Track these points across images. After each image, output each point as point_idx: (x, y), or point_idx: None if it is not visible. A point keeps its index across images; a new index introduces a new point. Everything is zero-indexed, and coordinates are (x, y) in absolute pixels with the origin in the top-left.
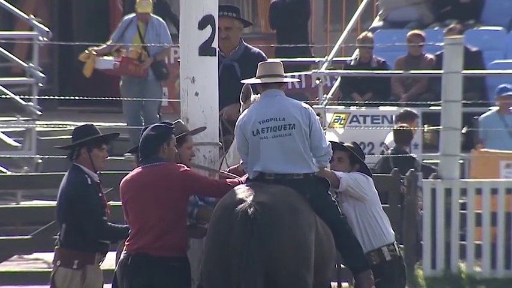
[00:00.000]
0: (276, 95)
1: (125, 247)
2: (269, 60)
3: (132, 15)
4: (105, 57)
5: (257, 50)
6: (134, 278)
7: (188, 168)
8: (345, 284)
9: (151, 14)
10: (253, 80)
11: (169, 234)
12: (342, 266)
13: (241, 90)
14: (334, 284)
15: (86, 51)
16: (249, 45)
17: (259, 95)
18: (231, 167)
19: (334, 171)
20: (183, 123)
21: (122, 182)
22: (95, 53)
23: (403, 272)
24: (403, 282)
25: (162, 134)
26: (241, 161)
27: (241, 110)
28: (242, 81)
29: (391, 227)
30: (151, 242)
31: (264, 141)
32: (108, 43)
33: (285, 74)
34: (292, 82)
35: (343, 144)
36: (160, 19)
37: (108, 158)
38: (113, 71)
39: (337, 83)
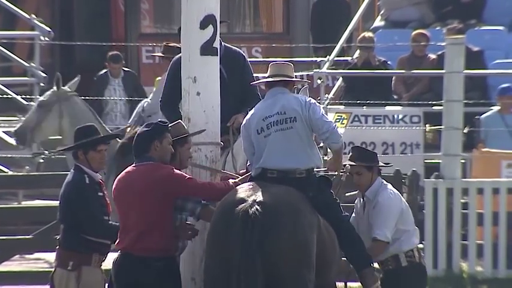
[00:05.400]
0: (278, 92)
1: None
2: (279, 61)
3: None
4: None
5: (237, 49)
6: (120, 277)
7: (177, 171)
8: (355, 284)
9: None
10: (263, 80)
11: (150, 235)
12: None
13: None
14: (340, 284)
15: None
16: (227, 45)
17: None
18: (240, 171)
19: (378, 242)
20: (185, 123)
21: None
22: None
23: (423, 277)
24: (423, 286)
25: (153, 131)
26: (247, 163)
27: None
28: (252, 83)
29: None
30: (133, 242)
31: (268, 138)
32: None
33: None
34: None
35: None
36: None
37: None
38: None
39: (338, 83)
